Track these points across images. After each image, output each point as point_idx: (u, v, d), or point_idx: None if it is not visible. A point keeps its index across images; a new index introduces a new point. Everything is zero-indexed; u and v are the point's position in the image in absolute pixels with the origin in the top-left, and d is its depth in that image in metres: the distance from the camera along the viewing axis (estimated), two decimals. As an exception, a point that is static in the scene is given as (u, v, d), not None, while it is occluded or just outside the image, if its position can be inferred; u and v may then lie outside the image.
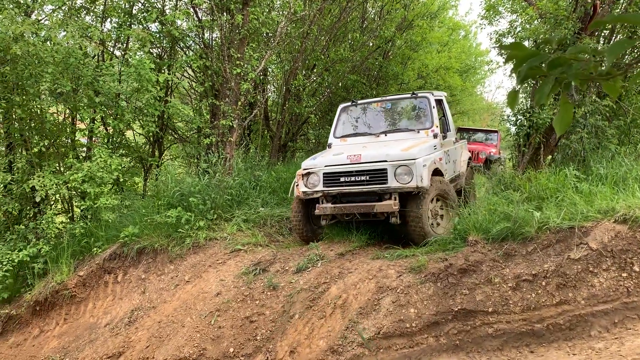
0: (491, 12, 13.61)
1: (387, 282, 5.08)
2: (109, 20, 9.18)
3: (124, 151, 8.49)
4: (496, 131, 16.77)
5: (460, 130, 16.54)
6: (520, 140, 8.12)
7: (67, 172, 7.27)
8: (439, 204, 6.25)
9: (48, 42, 7.15)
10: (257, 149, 11.75)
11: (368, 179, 6.03)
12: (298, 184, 6.54)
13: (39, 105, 7.60)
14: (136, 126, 9.22)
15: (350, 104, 7.74)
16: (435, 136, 6.73)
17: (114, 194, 7.84)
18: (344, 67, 13.21)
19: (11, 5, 6.99)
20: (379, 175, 5.96)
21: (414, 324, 4.68)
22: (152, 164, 9.74)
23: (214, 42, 10.06)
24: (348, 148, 6.81)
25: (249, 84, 8.79)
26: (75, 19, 7.83)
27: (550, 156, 7.90)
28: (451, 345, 4.55)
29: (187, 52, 10.30)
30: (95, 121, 8.28)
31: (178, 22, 9.00)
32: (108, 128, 8.61)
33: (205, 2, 9.12)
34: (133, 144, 9.81)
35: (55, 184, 7.01)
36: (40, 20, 8.00)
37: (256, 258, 6.28)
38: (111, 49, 9.61)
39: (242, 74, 8.67)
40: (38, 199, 7.17)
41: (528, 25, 9.56)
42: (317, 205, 6.37)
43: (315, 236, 6.76)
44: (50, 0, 7.45)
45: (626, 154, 6.97)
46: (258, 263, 6.11)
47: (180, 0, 9.97)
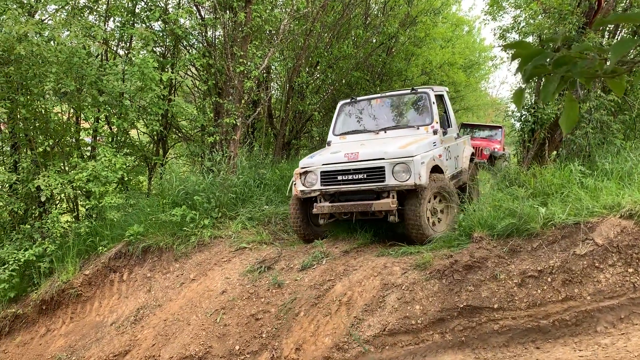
0: (495, 8, 13.54)
1: (392, 279, 5.08)
2: (112, 19, 9.23)
3: (128, 150, 8.51)
4: (500, 127, 16.44)
5: (464, 126, 16.35)
6: (525, 135, 8.07)
7: (72, 172, 7.29)
8: (438, 202, 6.15)
9: (52, 42, 7.17)
10: (261, 147, 11.76)
11: (366, 177, 5.95)
12: (296, 183, 6.47)
13: (43, 105, 7.63)
14: (140, 125, 9.25)
15: (349, 101, 7.64)
16: (435, 132, 6.64)
17: (119, 193, 7.86)
18: (347, 64, 13.17)
19: (15, 6, 7.01)
20: (377, 173, 5.88)
21: (420, 321, 4.67)
22: (157, 163, 9.77)
23: (217, 40, 10.05)
24: (346, 146, 6.72)
25: (252, 81, 8.79)
26: (79, 18, 7.84)
27: (555, 152, 7.85)
28: (457, 341, 4.54)
29: (190, 51, 10.31)
30: (100, 120, 8.30)
31: (181, 21, 9.01)
32: (112, 127, 8.64)
33: (207, 0, 9.12)
34: (137, 143, 9.83)
35: (60, 184, 7.04)
36: (44, 20, 8.03)
37: (261, 256, 6.28)
38: (114, 48, 9.64)
39: (246, 72, 8.67)
40: (43, 199, 7.20)
41: (532, 20, 9.51)
42: (315, 205, 6.29)
43: (314, 235, 6.67)
44: (53, 0, 7.46)
45: (632, 149, 6.92)
46: (263, 261, 6.11)
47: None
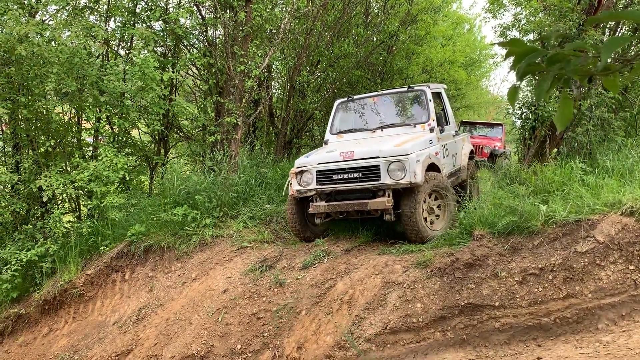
0: (495, 5, 13.50)
1: (394, 278, 5.09)
2: (112, 19, 9.22)
3: (129, 150, 8.51)
4: (500, 124, 16.32)
5: (464, 124, 16.31)
6: (526, 133, 8.07)
7: (74, 172, 7.31)
8: (435, 200, 6.12)
9: (52, 42, 7.18)
10: (262, 146, 11.75)
11: (361, 176, 5.93)
12: (292, 183, 6.44)
13: (44, 106, 7.64)
14: (141, 125, 9.25)
15: (346, 99, 7.63)
16: (431, 130, 6.61)
17: (121, 192, 7.88)
18: (348, 63, 13.16)
19: (15, 6, 7.02)
20: (372, 171, 5.86)
21: (421, 319, 4.68)
22: (158, 163, 9.78)
23: (217, 40, 10.05)
24: (343, 145, 6.71)
25: (253, 81, 8.79)
26: (80, 18, 7.85)
27: (556, 149, 7.85)
28: (458, 339, 4.55)
29: (191, 50, 10.31)
30: (101, 120, 8.32)
31: (181, 20, 9.01)
32: (113, 127, 8.65)
33: (208, 0, 9.12)
34: (139, 143, 9.85)
35: (62, 184, 7.05)
36: (45, 20, 8.04)
37: (262, 255, 6.30)
38: (115, 48, 9.65)
39: (246, 71, 8.67)
40: (45, 199, 7.22)
41: (532, 18, 9.49)
42: (311, 204, 6.28)
43: (312, 235, 6.65)
44: (54, 1, 7.47)
45: (633, 146, 6.92)
46: (264, 260, 6.13)
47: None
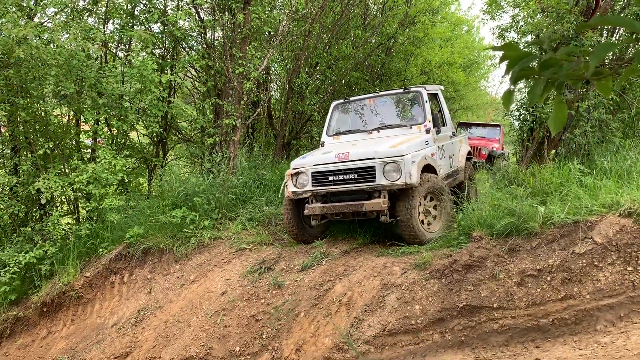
0: (493, 7, 13.53)
1: (392, 279, 5.09)
2: (111, 21, 9.21)
3: (128, 152, 8.52)
4: (498, 125, 16.29)
5: (461, 125, 16.31)
6: (524, 134, 8.07)
7: (72, 174, 7.31)
8: (430, 201, 6.11)
9: (51, 45, 7.18)
10: (261, 147, 11.75)
11: (356, 177, 5.91)
12: (288, 184, 6.43)
13: (43, 108, 7.64)
14: (140, 127, 9.26)
15: (342, 101, 7.63)
16: (427, 131, 6.61)
17: (119, 194, 7.87)
18: (346, 64, 13.19)
19: (14, 9, 7.02)
20: (368, 173, 5.85)
21: (419, 321, 4.68)
22: (157, 165, 9.77)
23: (216, 42, 10.06)
24: (339, 146, 6.71)
25: (251, 83, 8.80)
26: (78, 21, 7.85)
27: (554, 150, 7.86)
28: (456, 341, 4.55)
29: (190, 52, 10.32)
30: (99, 122, 8.31)
31: (180, 23, 9.02)
32: (112, 129, 8.65)
33: (206, 2, 9.14)
34: (137, 145, 9.84)
35: (61, 186, 7.05)
36: (43, 23, 8.04)
37: (261, 257, 6.29)
38: (114, 51, 9.64)
39: (245, 73, 8.68)
40: (44, 201, 7.22)
41: (530, 20, 9.51)
42: (307, 206, 6.26)
43: (309, 237, 6.63)
44: (52, 3, 7.47)
45: (630, 147, 6.93)
46: (263, 262, 6.12)
47: (181, 1, 9.99)
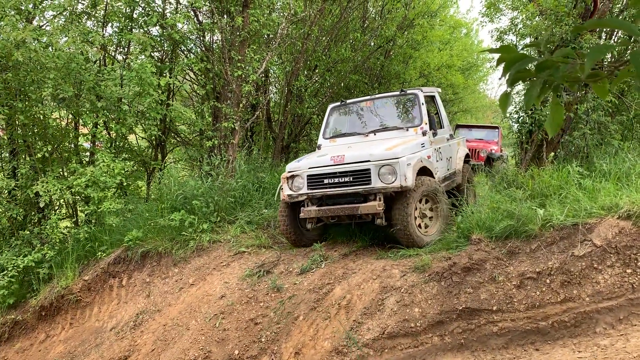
0: (492, 10, 13.54)
1: (391, 282, 5.08)
2: (110, 24, 9.20)
3: (126, 155, 8.50)
4: (497, 127, 16.30)
5: (459, 127, 16.33)
6: (523, 137, 8.07)
7: (71, 177, 7.30)
8: (427, 204, 6.08)
9: (50, 48, 7.18)
10: (260, 150, 11.74)
11: (352, 180, 5.88)
12: (283, 187, 6.40)
13: (41, 111, 7.63)
14: (138, 130, 9.25)
15: (339, 104, 7.63)
16: (424, 134, 6.60)
17: (118, 198, 7.87)
18: (345, 67, 13.19)
19: (12, 12, 7.03)
20: (363, 175, 5.83)
21: (419, 324, 4.67)
22: (155, 168, 9.76)
23: (214, 45, 10.07)
24: (334, 149, 6.69)
25: (250, 85, 8.80)
26: (77, 24, 7.84)
27: (553, 153, 7.85)
28: (456, 344, 4.54)
29: (188, 55, 10.32)
30: (98, 126, 8.31)
31: (179, 26, 9.02)
32: (111, 132, 8.64)
33: (205, 5, 9.14)
34: (136, 148, 9.83)
35: (59, 189, 7.05)
36: (42, 26, 8.04)
37: (260, 260, 6.28)
38: (112, 54, 9.65)
39: (244, 76, 8.68)
40: (42, 205, 7.20)
41: (529, 22, 9.52)
42: (302, 209, 6.23)
43: (305, 240, 6.61)
44: (51, 6, 7.47)
45: (629, 150, 6.94)
46: (262, 265, 6.11)
47: (180, 4, 10.00)
